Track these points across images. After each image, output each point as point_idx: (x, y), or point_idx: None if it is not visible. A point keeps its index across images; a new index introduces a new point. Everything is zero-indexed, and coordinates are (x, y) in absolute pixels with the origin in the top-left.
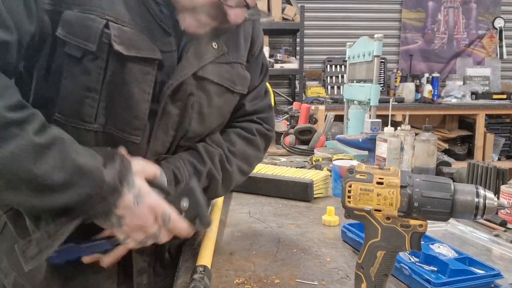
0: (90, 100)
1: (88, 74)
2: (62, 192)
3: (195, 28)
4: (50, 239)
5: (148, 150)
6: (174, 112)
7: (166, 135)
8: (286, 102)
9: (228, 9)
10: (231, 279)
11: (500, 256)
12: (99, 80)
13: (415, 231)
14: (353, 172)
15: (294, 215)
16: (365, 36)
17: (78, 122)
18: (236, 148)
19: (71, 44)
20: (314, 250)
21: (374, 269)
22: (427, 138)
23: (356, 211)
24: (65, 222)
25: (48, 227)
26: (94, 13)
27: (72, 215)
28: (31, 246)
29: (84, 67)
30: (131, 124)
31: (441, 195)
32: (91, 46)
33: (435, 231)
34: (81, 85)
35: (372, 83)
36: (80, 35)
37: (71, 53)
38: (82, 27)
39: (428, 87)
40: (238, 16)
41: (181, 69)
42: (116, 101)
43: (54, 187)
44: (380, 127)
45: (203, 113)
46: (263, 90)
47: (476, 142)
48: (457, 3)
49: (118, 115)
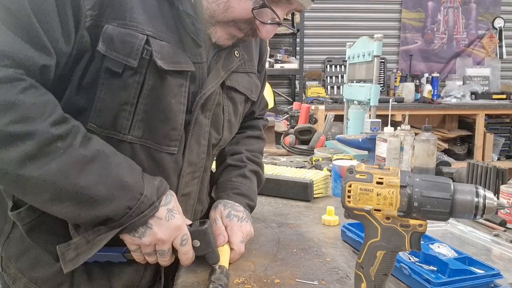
0: (125, 113)
1: (126, 89)
2: (105, 205)
3: (226, 40)
4: (87, 245)
5: (184, 160)
6: (204, 122)
7: (199, 145)
8: (286, 102)
9: (261, 25)
10: (231, 279)
11: (500, 256)
12: (136, 94)
13: (415, 231)
14: (353, 172)
15: (294, 215)
16: (365, 36)
17: (113, 132)
18: (255, 148)
19: (112, 59)
20: (314, 250)
21: (374, 269)
22: (427, 138)
23: (356, 211)
24: (104, 231)
25: (87, 233)
26: (134, 28)
27: (111, 225)
28: (69, 250)
29: (123, 82)
30: (169, 136)
31: (440, 195)
32: (132, 62)
33: (435, 231)
34: (118, 99)
35: (372, 83)
36: (121, 51)
37: (111, 68)
38: (123, 43)
39: (428, 87)
40: (269, 33)
41: (211, 79)
42: (153, 114)
43: (97, 199)
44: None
45: (231, 122)
46: (262, 94)
47: (476, 142)
48: (457, 3)
49: (155, 127)
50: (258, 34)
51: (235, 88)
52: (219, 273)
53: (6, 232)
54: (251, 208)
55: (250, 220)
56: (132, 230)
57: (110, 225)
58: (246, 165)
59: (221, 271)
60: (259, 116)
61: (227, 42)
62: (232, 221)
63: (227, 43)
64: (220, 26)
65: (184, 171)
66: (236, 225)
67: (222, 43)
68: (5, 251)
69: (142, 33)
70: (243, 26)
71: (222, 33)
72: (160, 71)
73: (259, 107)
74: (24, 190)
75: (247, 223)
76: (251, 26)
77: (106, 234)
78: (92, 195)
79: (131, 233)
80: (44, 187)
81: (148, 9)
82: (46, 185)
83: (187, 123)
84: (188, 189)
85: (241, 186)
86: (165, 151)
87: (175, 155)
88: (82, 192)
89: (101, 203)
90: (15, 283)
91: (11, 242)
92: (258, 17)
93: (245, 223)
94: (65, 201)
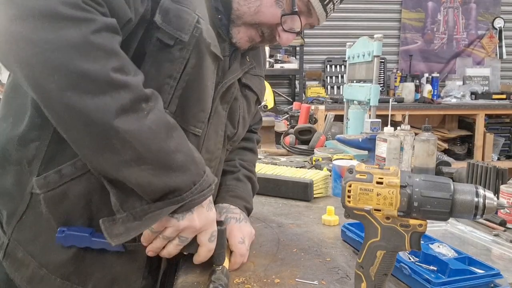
0: (167, 87)
1: (172, 62)
2: (179, 173)
3: (245, 42)
4: (135, 222)
5: (203, 146)
6: (222, 113)
7: (216, 134)
8: (286, 102)
9: (281, 32)
10: (231, 279)
11: (500, 255)
12: (180, 69)
13: (414, 230)
14: (353, 172)
15: (294, 215)
16: (365, 36)
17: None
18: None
19: (165, 32)
20: (314, 250)
21: (374, 269)
22: (427, 138)
23: (356, 210)
24: (160, 207)
25: (134, 211)
26: (187, 7)
27: (170, 200)
28: (116, 224)
29: (171, 55)
30: (197, 117)
31: (440, 195)
32: (183, 37)
33: (435, 230)
34: (163, 71)
35: (372, 83)
36: (175, 25)
37: (163, 40)
38: (178, 18)
39: (428, 87)
40: (288, 40)
41: (231, 72)
42: (189, 92)
43: (173, 167)
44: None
45: (245, 118)
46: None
47: (476, 142)
48: (456, 3)
49: (188, 106)
50: (277, 40)
51: (250, 87)
52: (219, 273)
53: (19, 214)
54: (248, 211)
55: (249, 221)
56: (187, 209)
57: (169, 200)
58: (240, 170)
59: (221, 271)
60: (254, 130)
61: (246, 44)
62: (230, 223)
63: (245, 45)
64: (244, 27)
65: (202, 157)
66: (234, 226)
67: (240, 45)
68: (16, 233)
69: (194, 13)
70: (265, 31)
71: (243, 35)
72: (203, 52)
73: (255, 119)
74: (108, 145)
75: (246, 224)
76: (271, 32)
77: (162, 210)
78: (170, 162)
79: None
80: (131, 144)
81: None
82: (134, 142)
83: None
84: None
85: (236, 189)
86: (190, 131)
87: (198, 138)
88: (163, 157)
89: (176, 171)
90: (20, 269)
91: (24, 225)
92: (282, 24)
93: (244, 224)
94: (144, 163)
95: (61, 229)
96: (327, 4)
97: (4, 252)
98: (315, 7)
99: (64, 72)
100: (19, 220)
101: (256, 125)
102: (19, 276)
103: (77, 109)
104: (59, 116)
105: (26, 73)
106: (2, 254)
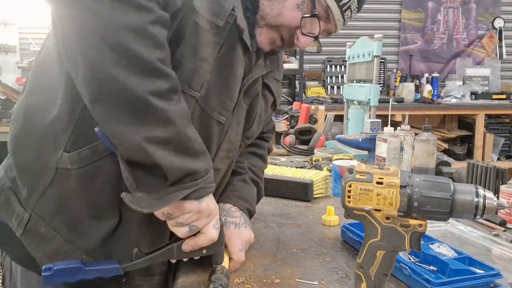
0: (201, 70)
1: (207, 46)
2: (198, 159)
3: (266, 44)
4: (153, 201)
5: (226, 135)
6: (243, 106)
7: (238, 126)
8: (286, 102)
9: (300, 35)
10: (231, 279)
11: (500, 255)
12: (214, 54)
13: (414, 231)
14: (353, 172)
15: (294, 215)
16: (365, 36)
17: (187, 87)
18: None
19: (202, 16)
20: (314, 250)
21: (373, 269)
22: (427, 138)
23: (356, 211)
24: (178, 190)
25: (148, 194)
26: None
27: (185, 184)
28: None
29: (206, 39)
30: (223, 104)
31: (440, 195)
32: (219, 22)
33: (435, 230)
34: (198, 54)
35: (372, 83)
36: (212, 10)
37: (200, 23)
38: (214, 3)
39: (428, 87)
40: (306, 43)
41: (257, 67)
42: (219, 78)
43: (193, 152)
44: (380, 127)
45: (261, 117)
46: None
47: (476, 142)
48: (456, 3)
49: (216, 91)
50: (296, 43)
51: (270, 87)
52: (220, 273)
53: (42, 189)
54: (251, 214)
55: (249, 224)
56: (199, 197)
57: (185, 184)
58: (248, 173)
59: (221, 271)
60: (266, 138)
61: (267, 46)
62: (229, 228)
63: (266, 47)
64: (266, 29)
65: (223, 146)
66: (233, 233)
67: (262, 46)
68: (38, 208)
69: (230, 1)
70: (285, 33)
71: (265, 36)
72: (235, 40)
73: (268, 126)
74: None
75: (246, 229)
76: (291, 35)
77: (176, 194)
78: (191, 147)
79: (190, 198)
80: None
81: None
82: (166, 121)
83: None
84: (220, 165)
85: (241, 190)
86: (215, 117)
87: (221, 125)
88: (185, 141)
89: (195, 156)
90: (42, 244)
91: (47, 200)
92: (302, 27)
93: (243, 229)
94: (169, 143)
95: (47, 267)
96: (345, 10)
97: (24, 228)
98: (334, 12)
99: (119, 49)
100: (41, 195)
101: (269, 133)
102: (40, 251)
103: (121, 83)
104: (102, 87)
105: (82, 43)
106: (21, 230)
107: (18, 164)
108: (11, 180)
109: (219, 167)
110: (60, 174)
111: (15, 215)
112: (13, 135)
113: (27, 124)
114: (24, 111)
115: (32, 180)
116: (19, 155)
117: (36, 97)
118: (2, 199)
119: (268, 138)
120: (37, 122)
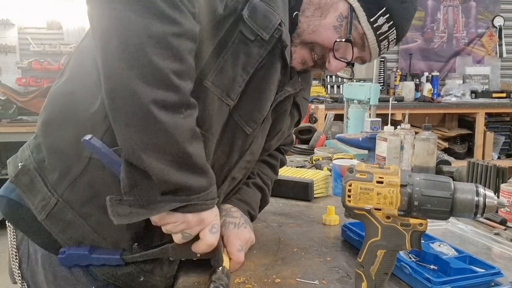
0: (240, 79)
1: (249, 56)
2: (197, 175)
3: (298, 64)
4: (141, 209)
5: (250, 146)
6: (270, 121)
7: (262, 139)
8: None
9: (332, 58)
10: (232, 279)
11: (500, 254)
12: (254, 65)
13: (415, 230)
14: (353, 171)
15: (294, 215)
16: None
17: (225, 95)
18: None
19: (249, 27)
20: (315, 249)
21: (374, 268)
22: (427, 137)
23: (356, 210)
24: (168, 201)
25: (141, 198)
26: (274, 9)
27: (176, 198)
28: (122, 205)
29: (250, 49)
30: (252, 117)
31: (441, 194)
32: (264, 35)
33: (435, 229)
34: (239, 63)
35: (372, 82)
36: (259, 23)
37: (246, 34)
38: (263, 17)
39: (428, 86)
40: (337, 68)
41: (291, 84)
42: (253, 90)
43: (191, 168)
44: (380, 126)
45: (284, 134)
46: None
47: (476, 140)
48: (456, 2)
49: (248, 103)
50: (327, 66)
51: (299, 107)
52: (220, 273)
53: (74, 175)
54: (252, 218)
55: (250, 225)
56: (189, 211)
57: (177, 197)
58: (255, 178)
59: (222, 270)
60: (282, 149)
61: (298, 66)
62: (228, 229)
63: (298, 67)
64: (300, 47)
65: (245, 157)
66: (232, 233)
67: (294, 65)
68: (68, 194)
69: (278, 16)
70: (317, 53)
71: (298, 55)
72: (277, 55)
73: (287, 139)
74: (144, 125)
75: (246, 229)
76: (323, 56)
77: (169, 203)
78: (189, 161)
79: (178, 211)
80: (162, 132)
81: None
82: (164, 132)
83: None
84: (237, 174)
85: (244, 193)
86: (242, 127)
87: (246, 136)
88: (183, 156)
89: (194, 172)
90: (67, 230)
91: (77, 187)
92: (335, 50)
93: (242, 229)
94: (166, 154)
95: (62, 250)
96: (382, 40)
97: (48, 212)
98: (370, 41)
99: (135, 55)
100: (73, 181)
101: (287, 146)
102: (64, 237)
103: (130, 88)
104: (114, 87)
105: (102, 44)
106: (44, 214)
107: (51, 147)
108: (37, 162)
109: (236, 176)
110: (93, 164)
111: (40, 198)
112: (47, 117)
113: (65, 110)
114: (63, 97)
115: (65, 165)
116: (52, 138)
117: (77, 85)
118: (25, 180)
119: (285, 150)
120: (78, 112)
